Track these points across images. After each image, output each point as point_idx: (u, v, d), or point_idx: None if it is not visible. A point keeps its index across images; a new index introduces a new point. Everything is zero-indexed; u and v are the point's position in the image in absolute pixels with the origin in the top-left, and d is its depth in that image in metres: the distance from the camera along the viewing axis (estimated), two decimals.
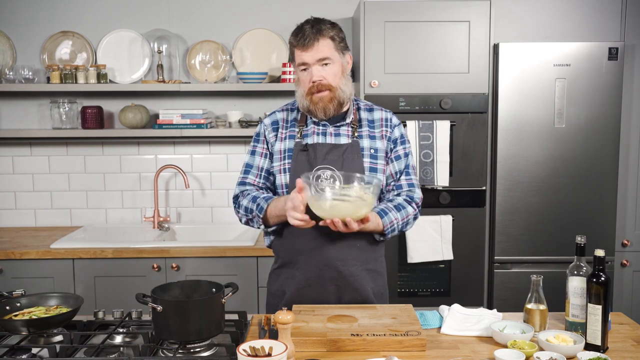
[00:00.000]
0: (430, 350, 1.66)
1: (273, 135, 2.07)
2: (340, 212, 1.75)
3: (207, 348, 1.65)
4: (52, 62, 3.41)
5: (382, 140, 2.05)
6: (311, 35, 1.93)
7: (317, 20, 1.99)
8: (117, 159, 3.53)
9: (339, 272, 1.98)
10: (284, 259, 2.07)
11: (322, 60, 1.94)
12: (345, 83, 1.99)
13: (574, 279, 1.74)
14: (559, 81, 3.02)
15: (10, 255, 2.91)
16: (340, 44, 1.98)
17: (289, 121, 2.08)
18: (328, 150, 1.99)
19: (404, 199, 2.05)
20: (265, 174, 2.07)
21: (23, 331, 1.68)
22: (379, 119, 2.08)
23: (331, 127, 2.03)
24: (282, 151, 2.04)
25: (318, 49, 1.93)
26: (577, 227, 3.04)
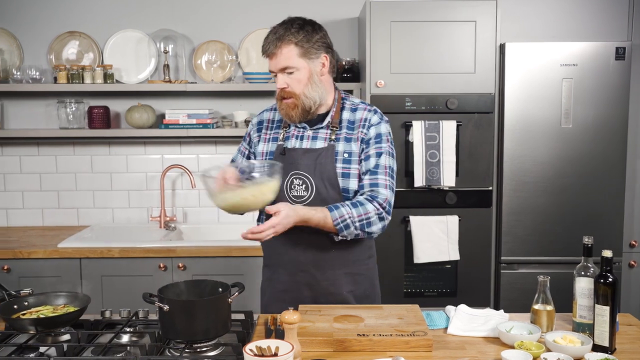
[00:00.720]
0: (436, 351, 1.66)
1: (257, 135, 2.08)
2: (243, 201, 1.78)
3: (214, 348, 1.65)
4: (59, 62, 3.43)
5: (357, 143, 1.98)
6: (272, 45, 1.90)
7: (290, 21, 1.94)
8: (123, 159, 3.54)
9: (313, 277, 1.99)
10: (267, 260, 2.12)
11: (283, 69, 1.91)
12: (312, 89, 1.92)
13: (581, 280, 1.73)
14: (565, 81, 3.01)
15: (18, 254, 2.93)
16: (309, 48, 1.90)
17: (275, 122, 2.07)
18: (301, 155, 1.97)
19: (364, 197, 1.93)
20: None
21: (31, 330, 1.68)
22: (359, 119, 2.00)
23: (309, 130, 2.00)
24: (264, 153, 2.04)
25: (280, 58, 1.90)
26: (584, 228, 3.03)
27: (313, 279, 1.99)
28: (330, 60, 1.98)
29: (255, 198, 1.77)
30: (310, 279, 1.99)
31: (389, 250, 3.09)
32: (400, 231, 3.07)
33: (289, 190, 1.96)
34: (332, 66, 1.99)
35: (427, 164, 2.99)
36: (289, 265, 2.00)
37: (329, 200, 1.94)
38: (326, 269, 1.99)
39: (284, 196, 1.95)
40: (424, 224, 3.02)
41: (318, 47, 1.93)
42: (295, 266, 1.99)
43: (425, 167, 2.98)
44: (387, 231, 3.01)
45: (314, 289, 2.01)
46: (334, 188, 1.95)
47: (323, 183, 1.94)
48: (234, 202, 1.78)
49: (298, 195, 1.95)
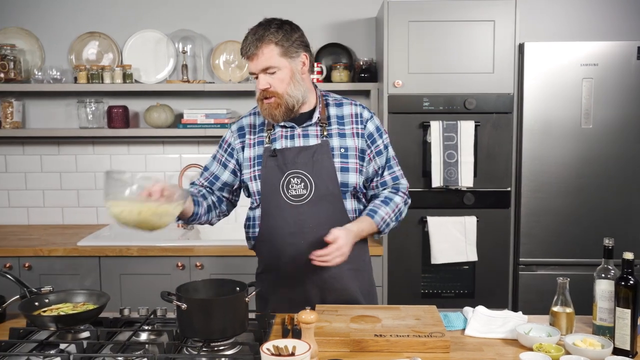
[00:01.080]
0: (454, 352, 1.65)
1: (240, 142, 2.03)
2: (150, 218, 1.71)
3: (231, 346, 1.65)
4: (79, 62, 3.47)
5: (354, 138, 1.99)
6: (252, 44, 1.88)
7: (267, 22, 1.94)
8: (142, 158, 3.56)
9: (319, 275, 1.97)
10: (266, 265, 2.07)
11: (265, 69, 1.89)
12: (295, 87, 1.91)
13: (601, 282, 1.71)
14: (586, 81, 2.98)
15: (38, 252, 2.97)
16: (289, 47, 1.90)
17: (257, 126, 2.04)
18: (296, 153, 1.95)
19: (389, 191, 2.06)
20: (213, 179, 2.07)
21: (51, 327, 1.70)
22: (348, 114, 2.02)
23: (299, 128, 1.99)
24: (252, 158, 2.00)
25: (260, 58, 1.88)
26: (604, 229, 2.99)
27: (319, 278, 1.98)
28: (309, 58, 1.98)
29: (160, 218, 1.71)
30: (316, 278, 1.98)
31: (406, 250, 3.08)
32: (418, 232, 3.06)
33: (286, 191, 1.93)
34: (311, 65, 1.99)
35: (445, 165, 2.97)
36: (294, 266, 1.97)
37: (328, 196, 1.94)
38: (332, 266, 1.97)
39: (282, 197, 1.93)
40: (441, 225, 3.01)
41: (297, 45, 1.93)
42: (302, 265, 1.95)
43: (443, 167, 2.97)
44: (405, 231, 3.04)
45: (321, 288, 2.00)
46: (332, 183, 1.94)
47: (322, 179, 1.94)
48: (139, 218, 1.70)
49: (297, 195, 1.93)
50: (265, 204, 1.97)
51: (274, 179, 1.94)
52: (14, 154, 3.55)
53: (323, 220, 1.93)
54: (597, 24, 3.37)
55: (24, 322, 1.85)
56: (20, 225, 3.57)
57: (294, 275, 1.98)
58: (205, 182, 2.09)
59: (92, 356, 1.56)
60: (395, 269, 3.09)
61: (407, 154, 3.03)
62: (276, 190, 1.94)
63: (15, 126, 3.42)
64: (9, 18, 3.47)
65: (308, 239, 1.93)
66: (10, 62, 3.33)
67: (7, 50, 3.33)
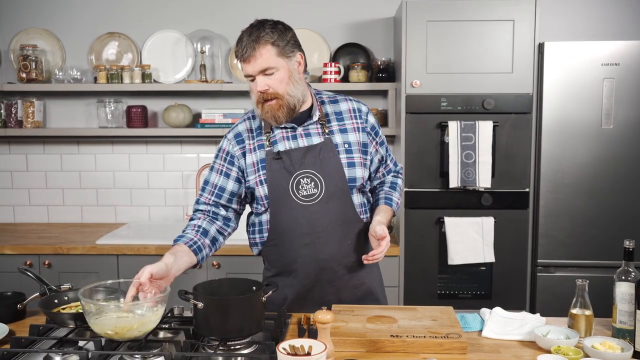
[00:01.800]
0: (471, 354, 1.64)
1: (239, 148, 1.99)
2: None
3: (247, 345, 1.66)
4: (99, 62, 3.50)
5: (355, 133, 2.00)
6: (249, 46, 1.84)
7: (260, 23, 1.90)
8: (160, 158, 3.59)
9: (335, 273, 1.97)
10: (278, 269, 2.03)
11: (263, 70, 1.86)
12: (294, 87, 1.89)
13: (621, 285, 1.69)
14: (607, 81, 2.94)
15: (58, 250, 3.00)
16: (285, 47, 1.87)
17: (254, 130, 2.00)
18: (303, 153, 1.93)
19: (392, 176, 2.16)
20: (218, 191, 2.01)
21: (70, 324, 1.72)
22: (346, 110, 2.03)
23: (300, 128, 1.97)
24: (255, 163, 1.96)
25: (257, 59, 1.84)
26: (624, 231, 2.96)
27: (335, 275, 1.97)
28: (304, 58, 1.96)
29: (141, 326, 1.60)
30: (332, 275, 1.97)
31: (423, 251, 3.06)
32: (435, 232, 3.04)
33: (296, 191, 1.91)
34: (305, 64, 1.98)
35: (463, 165, 2.95)
36: (308, 266, 1.95)
37: (337, 193, 1.93)
38: (346, 262, 1.97)
39: (292, 199, 1.92)
40: (458, 225, 2.99)
41: (292, 45, 1.91)
42: (316, 265, 1.95)
43: (460, 167, 2.95)
44: (421, 232, 3.03)
45: (336, 286, 1.99)
46: (341, 180, 1.94)
47: (331, 177, 1.93)
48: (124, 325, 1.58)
49: (308, 195, 1.92)
50: (275, 207, 1.94)
51: (281, 181, 1.92)
52: (34, 153, 3.60)
53: (334, 217, 1.93)
54: (619, 23, 3.33)
55: (44, 319, 1.87)
56: (40, 223, 3.62)
57: (309, 276, 1.97)
58: (211, 197, 2.01)
59: (110, 354, 1.58)
60: (412, 269, 3.07)
61: (424, 154, 3.02)
62: (285, 193, 1.92)
63: (36, 125, 3.46)
64: (31, 19, 3.52)
65: (321, 237, 1.93)
66: (32, 62, 3.38)
67: (29, 51, 3.38)
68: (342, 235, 1.95)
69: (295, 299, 2.00)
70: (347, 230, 1.96)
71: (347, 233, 1.96)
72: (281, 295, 2.01)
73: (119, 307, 1.60)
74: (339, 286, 1.99)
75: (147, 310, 1.59)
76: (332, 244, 1.94)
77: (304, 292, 1.99)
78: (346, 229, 1.96)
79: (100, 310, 1.58)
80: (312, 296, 1.98)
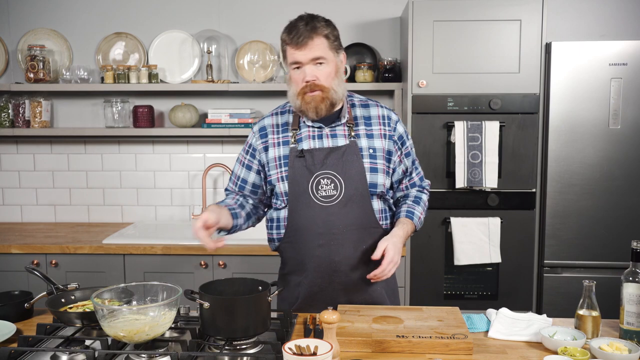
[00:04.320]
0: (477, 354, 1.64)
1: (262, 142, 2.01)
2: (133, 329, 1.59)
3: (253, 345, 1.66)
4: (106, 62, 3.51)
5: (381, 140, 1.99)
6: (305, 34, 1.86)
7: (312, 17, 1.93)
8: (167, 157, 3.60)
9: (348, 277, 1.96)
10: (292, 266, 2.04)
11: (316, 59, 1.87)
12: (338, 83, 1.92)
13: (629, 286, 1.69)
14: (614, 81, 2.93)
15: (65, 249, 3.01)
16: (334, 42, 1.91)
17: (280, 125, 2.01)
18: (326, 154, 1.93)
19: (417, 190, 2.12)
20: (241, 183, 2.06)
21: (77, 323, 1.73)
22: (375, 116, 2.02)
23: (327, 128, 1.97)
24: (277, 158, 1.98)
25: (312, 48, 1.86)
26: (632, 232, 2.94)
27: (347, 279, 1.97)
28: (345, 58, 2.01)
29: (151, 329, 1.59)
30: (344, 278, 1.97)
31: (429, 251, 3.06)
32: (441, 232, 3.04)
33: (315, 192, 1.92)
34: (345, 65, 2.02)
35: (469, 165, 2.95)
36: (321, 267, 1.95)
37: (357, 197, 1.93)
38: (360, 267, 1.97)
39: (311, 198, 1.92)
40: (464, 226, 2.98)
41: (339, 43, 1.96)
42: (329, 267, 1.95)
43: (467, 168, 2.95)
44: (427, 232, 3.02)
45: (348, 290, 1.98)
46: (362, 184, 1.93)
47: (352, 180, 1.92)
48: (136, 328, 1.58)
49: (327, 195, 1.92)
50: (293, 205, 1.95)
51: (302, 179, 1.92)
52: (42, 152, 3.61)
53: (351, 220, 1.92)
54: (626, 22, 3.31)
55: (51, 318, 1.88)
56: (48, 222, 3.63)
57: (322, 276, 1.97)
58: (235, 187, 2.09)
59: (117, 353, 1.58)
60: (418, 269, 3.07)
61: (430, 154, 3.01)
62: (305, 191, 1.92)
63: (44, 125, 3.48)
64: (38, 20, 3.53)
65: (337, 239, 1.92)
66: (40, 62, 3.39)
67: (37, 51, 3.39)
68: (358, 239, 1.95)
69: (306, 298, 2.00)
70: (364, 235, 1.95)
71: (364, 237, 1.96)
72: (293, 294, 2.02)
73: (132, 310, 1.60)
74: (350, 289, 1.99)
75: (158, 313, 1.59)
76: (347, 247, 1.93)
77: (316, 292, 1.99)
78: (363, 234, 1.95)
79: (113, 313, 1.58)
80: (323, 297, 1.98)
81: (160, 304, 1.61)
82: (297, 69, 1.90)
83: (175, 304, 1.63)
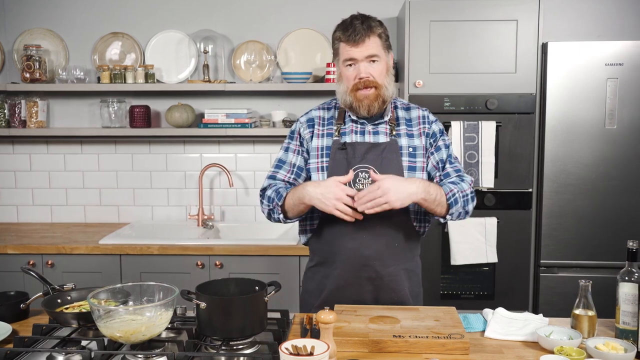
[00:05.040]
0: (473, 354, 1.64)
1: (309, 131, 2.06)
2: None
3: (250, 345, 1.66)
4: (102, 62, 3.51)
5: (421, 138, 2.03)
6: (362, 32, 1.92)
7: (366, 16, 1.99)
8: (163, 158, 3.60)
9: (377, 272, 1.96)
10: (321, 258, 2.06)
11: (370, 57, 1.93)
12: (389, 81, 1.99)
13: (625, 285, 1.69)
14: (610, 81, 2.93)
15: (61, 250, 3.01)
16: (386, 42, 1.98)
17: (326, 119, 2.07)
18: (367, 149, 1.97)
19: (455, 177, 2.01)
20: (297, 170, 2.06)
21: (73, 324, 1.73)
22: (416, 117, 2.06)
23: (370, 125, 2.02)
24: (320, 148, 2.03)
25: (368, 45, 1.92)
26: (628, 232, 2.95)
27: (376, 274, 1.96)
28: (392, 57, 2.06)
29: (147, 329, 1.58)
30: (373, 274, 1.96)
31: (426, 251, 3.05)
32: (438, 232, 3.04)
33: (353, 184, 1.94)
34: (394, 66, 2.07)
35: (466, 165, 2.95)
36: (351, 260, 1.96)
37: None
38: (389, 263, 1.97)
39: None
40: (461, 226, 2.99)
41: (389, 43, 2.01)
42: (359, 260, 1.95)
43: (463, 167, 2.95)
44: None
45: (376, 285, 1.98)
46: None
47: None
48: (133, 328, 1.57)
49: (364, 189, 1.91)
50: None
51: (341, 171, 1.94)
52: (38, 152, 3.60)
53: (386, 217, 1.90)
54: (622, 23, 3.32)
55: (47, 318, 1.88)
56: (44, 223, 3.63)
57: (351, 270, 1.97)
58: (290, 175, 2.06)
59: (113, 353, 1.58)
60: None
61: None
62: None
63: (40, 125, 3.47)
64: (35, 19, 3.52)
65: (369, 234, 1.93)
66: (36, 62, 3.38)
67: (33, 51, 3.38)
68: (389, 236, 1.96)
69: (333, 291, 2.00)
70: (396, 233, 1.97)
71: (396, 235, 1.97)
72: (320, 287, 2.04)
73: (128, 311, 1.60)
74: (378, 286, 1.99)
75: (155, 313, 1.59)
76: (379, 243, 1.95)
77: (343, 286, 1.99)
78: (395, 231, 1.96)
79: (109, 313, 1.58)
80: (350, 292, 1.99)
81: (156, 304, 1.61)
82: (350, 65, 1.95)
83: (171, 304, 1.63)
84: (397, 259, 1.98)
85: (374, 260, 1.96)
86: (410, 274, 2.05)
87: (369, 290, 1.99)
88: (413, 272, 2.07)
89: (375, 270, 1.96)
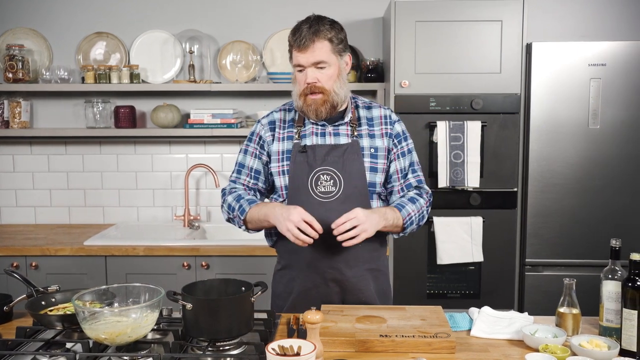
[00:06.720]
0: (459, 353, 1.65)
1: (270, 134, 2.05)
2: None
3: (237, 346, 1.66)
4: (86, 62, 3.48)
5: (383, 139, 2.03)
6: (307, 37, 1.89)
7: (317, 19, 1.95)
8: (149, 158, 3.57)
9: (343, 274, 1.98)
10: (288, 261, 2.07)
11: (317, 63, 1.91)
12: (340, 86, 1.95)
13: (608, 283, 1.71)
14: (593, 81, 2.96)
15: (45, 251, 2.98)
16: (338, 45, 1.94)
17: (287, 121, 2.06)
18: (328, 151, 1.97)
19: (415, 193, 2.04)
20: (255, 174, 2.06)
21: (58, 326, 1.71)
22: (377, 116, 2.05)
23: (330, 126, 2.01)
24: (280, 152, 2.02)
25: (314, 51, 1.89)
26: (612, 230, 2.98)
27: (342, 276, 1.98)
28: (351, 60, 2.03)
29: (133, 331, 1.57)
30: (339, 275, 1.98)
31: (412, 251, 3.07)
32: (424, 232, 3.05)
33: (314, 187, 1.95)
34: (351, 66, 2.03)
35: (451, 165, 2.97)
36: (316, 263, 1.98)
37: (355, 195, 1.95)
38: (353, 265, 1.98)
39: (310, 193, 1.95)
40: (447, 225, 3.00)
41: (344, 45, 1.97)
42: (323, 263, 1.97)
43: (449, 167, 2.96)
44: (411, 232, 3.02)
45: (342, 286, 2.00)
46: (361, 182, 1.96)
47: (351, 178, 1.95)
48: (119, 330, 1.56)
49: (326, 191, 1.94)
50: (292, 200, 1.97)
51: (302, 174, 1.95)
52: (21, 153, 3.57)
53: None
54: (605, 23, 3.35)
55: (31, 321, 1.86)
56: (28, 224, 3.59)
57: (317, 272, 1.98)
58: (250, 179, 2.07)
59: (98, 355, 1.57)
60: (401, 269, 3.08)
61: None
62: (304, 186, 1.95)
63: (23, 126, 3.43)
64: (17, 19, 3.49)
65: (333, 236, 1.91)
66: (19, 62, 3.35)
67: (16, 51, 3.35)
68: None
69: (300, 294, 2.01)
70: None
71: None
72: (287, 289, 2.04)
73: (114, 312, 1.59)
74: (345, 288, 2.00)
75: (140, 315, 1.58)
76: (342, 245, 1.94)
77: (310, 288, 2.00)
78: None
79: (95, 315, 1.56)
80: (317, 294, 1.99)
81: (142, 305, 1.60)
82: (300, 71, 1.94)
83: (157, 306, 1.62)
84: (362, 260, 2.00)
85: (340, 262, 1.97)
86: (377, 273, 2.06)
87: (336, 291, 2.01)
88: (379, 272, 2.08)
89: (341, 273, 1.98)
